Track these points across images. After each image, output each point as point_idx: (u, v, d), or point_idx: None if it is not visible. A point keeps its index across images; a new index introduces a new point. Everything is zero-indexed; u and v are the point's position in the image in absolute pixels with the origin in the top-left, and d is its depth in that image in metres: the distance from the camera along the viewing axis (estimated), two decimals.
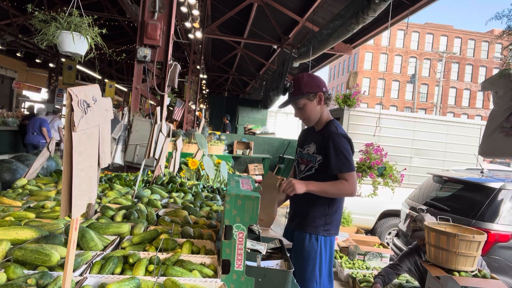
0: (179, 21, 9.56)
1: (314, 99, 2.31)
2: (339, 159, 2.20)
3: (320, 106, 2.33)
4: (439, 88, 33.66)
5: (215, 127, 15.09)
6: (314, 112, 2.34)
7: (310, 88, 2.29)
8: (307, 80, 2.31)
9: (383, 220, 6.47)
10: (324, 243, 2.31)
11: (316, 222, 2.29)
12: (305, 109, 2.33)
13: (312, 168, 2.32)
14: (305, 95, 2.29)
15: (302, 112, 2.35)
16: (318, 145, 2.32)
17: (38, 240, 1.56)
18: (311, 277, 2.30)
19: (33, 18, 3.06)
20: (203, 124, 8.91)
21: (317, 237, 2.30)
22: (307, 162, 2.37)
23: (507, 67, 2.65)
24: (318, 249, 2.29)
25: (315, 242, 2.29)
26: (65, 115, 1.18)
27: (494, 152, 2.98)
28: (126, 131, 4.49)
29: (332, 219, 2.33)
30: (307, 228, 2.31)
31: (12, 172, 2.74)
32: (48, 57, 16.32)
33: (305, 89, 2.29)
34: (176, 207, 2.53)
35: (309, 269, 2.29)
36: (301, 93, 2.29)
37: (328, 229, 2.32)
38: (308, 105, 2.31)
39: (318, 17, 8.42)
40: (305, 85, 2.29)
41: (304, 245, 2.31)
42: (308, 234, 2.30)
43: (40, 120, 8.74)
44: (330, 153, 2.21)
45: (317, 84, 2.31)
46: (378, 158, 4.75)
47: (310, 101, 2.31)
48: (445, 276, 3.06)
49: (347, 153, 2.22)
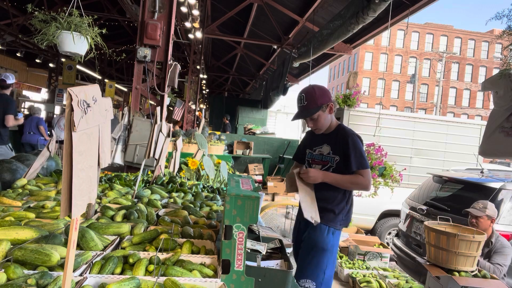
0: (179, 21, 9.56)
1: (326, 109, 2.49)
2: (357, 157, 2.40)
3: (331, 114, 2.54)
4: (439, 88, 33.66)
5: (215, 127, 15.09)
6: (326, 121, 2.53)
7: (323, 100, 2.47)
8: (319, 93, 2.48)
9: (383, 220, 6.47)
10: (337, 236, 2.53)
11: (337, 217, 2.49)
12: (319, 120, 2.50)
13: (330, 168, 2.49)
14: (320, 108, 2.46)
15: (315, 122, 2.52)
16: (333, 146, 2.51)
17: (38, 240, 1.56)
18: (322, 266, 2.47)
19: (33, 18, 3.06)
20: (203, 124, 8.91)
21: (334, 231, 2.49)
22: (323, 162, 2.54)
23: (507, 67, 2.65)
24: (334, 242, 2.49)
25: (332, 236, 2.48)
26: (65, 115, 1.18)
27: (494, 152, 2.98)
28: (126, 131, 4.49)
29: (348, 215, 2.57)
30: (327, 222, 2.48)
31: (12, 172, 2.74)
32: (48, 57, 16.31)
33: (319, 101, 2.46)
34: (176, 207, 2.53)
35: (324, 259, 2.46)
36: (316, 106, 2.46)
37: (342, 224, 2.54)
38: (322, 116, 2.49)
39: (318, 17, 8.42)
40: (318, 98, 2.46)
41: (322, 237, 2.47)
42: (327, 227, 2.48)
43: (37, 119, 8.77)
44: (350, 152, 2.40)
45: (328, 95, 2.50)
46: (379, 158, 4.75)
47: (323, 112, 2.48)
48: (445, 276, 3.06)
49: (363, 152, 2.45)
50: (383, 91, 43.87)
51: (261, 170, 9.16)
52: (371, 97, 43.19)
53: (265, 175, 9.01)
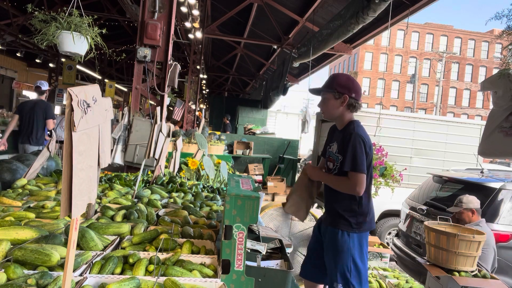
0: (179, 21, 9.55)
1: (339, 99, 2.40)
2: (352, 158, 2.28)
3: (343, 108, 2.41)
4: (439, 88, 33.65)
5: (215, 127, 15.09)
6: (333, 109, 2.43)
7: (340, 88, 2.39)
8: (341, 80, 2.43)
9: (383, 220, 6.47)
10: (356, 239, 2.39)
11: (348, 220, 2.38)
12: (327, 103, 2.44)
13: (337, 167, 2.42)
14: (332, 91, 2.40)
15: (322, 104, 2.48)
16: (339, 145, 2.42)
17: (38, 240, 1.56)
18: (343, 268, 2.37)
19: (33, 18, 3.06)
20: (203, 124, 8.91)
21: (349, 233, 2.38)
22: (333, 160, 2.47)
23: (506, 67, 2.65)
24: (352, 244, 2.37)
25: (348, 238, 2.37)
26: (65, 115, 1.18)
27: (493, 152, 2.98)
28: (126, 131, 4.49)
29: (364, 218, 2.41)
30: (338, 225, 2.40)
31: (12, 172, 2.74)
32: (48, 57, 16.31)
33: (335, 86, 2.41)
34: (176, 207, 2.53)
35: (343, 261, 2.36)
36: (330, 89, 2.42)
37: (358, 226, 2.39)
38: (331, 101, 2.42)
39: (318, 17, 8.42)
40: (337, 83, 2.41)
41: (336, 240, 2.39)
42: (340, 231, 2.38)
43: None
44: (347, 151, 2.30)
45: (348, 88, 2.41)
46: (379, 158, 4.74)
47: (334, 98, 2.41)
48: (445, 276, 3.06)
49: (357, 154, 2.29)
50: (383, 91, 43.85)
51: (261, 170, 9.16)
52: (371, 97, 43.18)
53: (265, 175, 9.01)
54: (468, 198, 3.74)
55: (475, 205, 3.67)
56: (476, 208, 3.68)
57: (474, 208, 3.67)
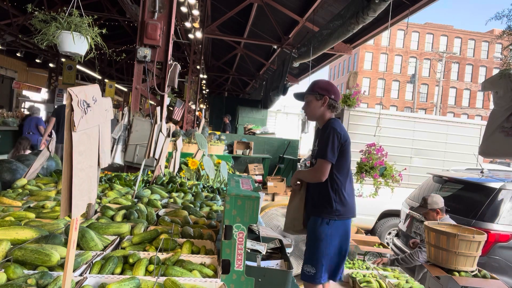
0: (179, 21, 9.55)
1: (320, 100, 2.66)
2: (322, 147, 2.53)
3: (324, 108, 2.67)
4: (439, 88, 33.63)
5: (215, 127, 15.08)
6: (315, 110, 2.69)
7: (321, 90, 2.67)
8: (322, 84, 2.72)
9: (383, 220, 6.47)
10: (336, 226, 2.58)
11: (328, 207, 2.58)
12: (309, 105, 2.71)
13: None
14: (313, 94, 2.67)
15: (306, 106, 2.74)
16: (319, 141, 2.64)
17: (38, 240, 1.56)
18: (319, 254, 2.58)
19: (33, 18, 3.06)
20: (203, 124, 8.91)
21: (329, 221, 2.57)
22: (316, 158, 2.67)
23: (507, 67, 2.65)
24: (330, 231, 2.57)
25: (327, 225, 2.57)
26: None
27: (494, 152, 2.98)
28: (126, 131, 4.49)
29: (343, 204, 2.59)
30: (320, 213, 2.60)
31: (12, 172, 2.74)
32: (48, 57, 16.32)
33: (316, 89, 2.68)
34: (176, 207, 2.53)
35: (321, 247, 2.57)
36: (311, 91, 2.70)
37: (337, 214, 2.58)
38: (313, 102, 2.69)
39: (318, 17, 8.42)
40: (318, 87, 2.69)
41: (315, 227, 2.59)
42: (320, 219, 2.59)
43: (36, 119, 8.76)
44: (322, 142, 2.55)
45: (329, 90, 2.67)
46: (379, 158, 4.74)
47: (316, 100, 2.67)
48: (445, 276, 3.06)
49: (328, 144, 2.51)
50: (383, 91, 43.85)
51: (261, 170, 9.16)
52: (371, 97, 43.17)
53: (265, 175, 9.00)
54: (432, 199, 3.90)
55: (440, 205, 3.87)
56: (440, 208, 3.88)
57: (439, 208, 3.87)
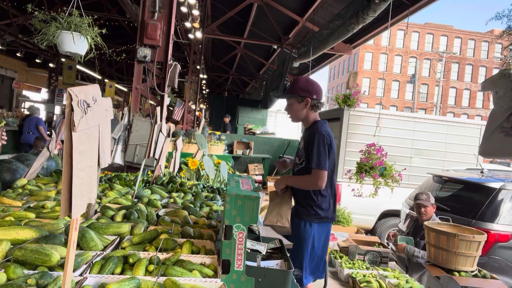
0: (179, 21, 9.55)
1: (302, 102, 2.59)
2: (317, 156, 2.49)
3: (307, 109, 2.61)
4: (439, 88, 33.63)
5: (215, 127, 15.09)
6: (298, 113, 2.64)
7: (302, 92, 2.58)
8: (302, 84, 2.61)
9: (383, 220, 6.47)
10: (316, 228, 2.60)
11: (309, 210, 2.59)
12: (291, 108, 2.65)
13: (303, 162, 2.62)
14: (295, 96, 2.59)
15: (289, 109, 2.68)
16: (305, 142, 2.63)
17: (38, 240, 1.56)
18: (301, 255, 2.61)
19: (33, 18, 3.06)
20: (203, 124, 8.90)
21: (311, 223, 2.59)
22: (299, 156, 2.70)
23: (507, 67, 2.65)
24: (311, 232, 2.59)
25: (309, 227, 2.59)
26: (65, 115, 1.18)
27: (494, 152, 2.98)
28: (126, 131, 4.49)
29: (323, 207, 2.61)
30: (302, 216, 2.61)
31: (12, 172, 2.74)
32: (48, 57, 16.32)
33: (297, 91, 2.59)
34: (176, 207, 2.53)
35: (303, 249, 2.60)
36: (292, 93, 2.61)
37: (318, 217, 2.60)
38: (295, 105, 2.62)
39: (318, 17, 8.42)
40: (298, 88, 2.59)
41: (299, 230, 2.61)
42: (303, 221, 2.60)
43: (36, 119, 8.76)
44: (313, 150, 2.49)
45: (309, 90, 2.59)
46: (379, 158, 4.74)
47: (298, 102, 2.60)
48: (445, 276, 3.06)
49: (321, 152, 2.49)
50: (383, 91, 43.84)
51: (261, 170, 9.16)
52: (371, 97, 43.17)
53: (265, 175, 9.00)
54: (428, 193, 4.07)
55: (433, 199, 4.05)
56: (433, 202, 4.05)
57: (434, 202, 4.06)
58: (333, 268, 4.88)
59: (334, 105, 6.79)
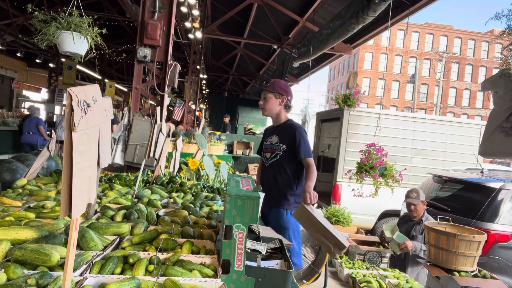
0: (179, 21, 9.55)
1: (279, 99, 2.94)
2: (305, 147, 2.82)
3: (281, 107, 2.97)
4: (439, 88, 33.62)
5: (215, 127, 15.09)
6: (273, 107, 2.95)
7: (281, 90, 2.94)
8: (281, 84, 2.99)
9: (383, 220, 6.47)
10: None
11: (290, 200, 2.86)
12: (268, 101, 2.95)
13: (277, 155, 2.90)
14: (274, 92, 2.93)
15: (264, 102, 2.97)
16: (281, 136, 2.93)
17: (38, 240, 1.56)
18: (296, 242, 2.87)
19: (33, 18, 3.05)
20: (203, 124, 8.90)
21: (291, 212, 2.82)
22: (271, 150, 2.96)
23: (507, 67, 2.65)
24: (293, 221, 2.80)
25: (290, 216, 2.81)
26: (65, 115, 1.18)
27: (494, 152, 2.97)
28: (126, 131, 4.49)
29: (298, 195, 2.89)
30: (284, 206, 2.86)
31: (12, 172, 2.74)
32: (48, 57, 16.32)
33: (277, 88, 2.94)
34: (176, 207, 2.53)
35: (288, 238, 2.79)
36: (272, 89, 2.94)
37: (296, 205, 2.84)
38: (272, 100, 2.94)
39: (318, 17, 8.42)
40: (278, 87, 2.95)
41: (283, 219, 2.85)
42: (285, 210, 2.85)
43: (36, 119, 8.76)
44: (300, 142, 2.81)
45: (286, 91, 2.97)
46: (379, 158, 4.74)
47: (275, 98, 2.94)
48: (445, 276, 3.06)
49: (307, 143, 2.87)
50: (383, 91, 43.84)
51: None
52: (371, 97, 43.17)
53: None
54: (418, 191, 4.08)
55: (423, 197, 4.08)
56: (423, 199, 4.07)
57: (425, 200, 4.10)
58: (333, 268, 4.88)
59: (334, 105, 6.79)
